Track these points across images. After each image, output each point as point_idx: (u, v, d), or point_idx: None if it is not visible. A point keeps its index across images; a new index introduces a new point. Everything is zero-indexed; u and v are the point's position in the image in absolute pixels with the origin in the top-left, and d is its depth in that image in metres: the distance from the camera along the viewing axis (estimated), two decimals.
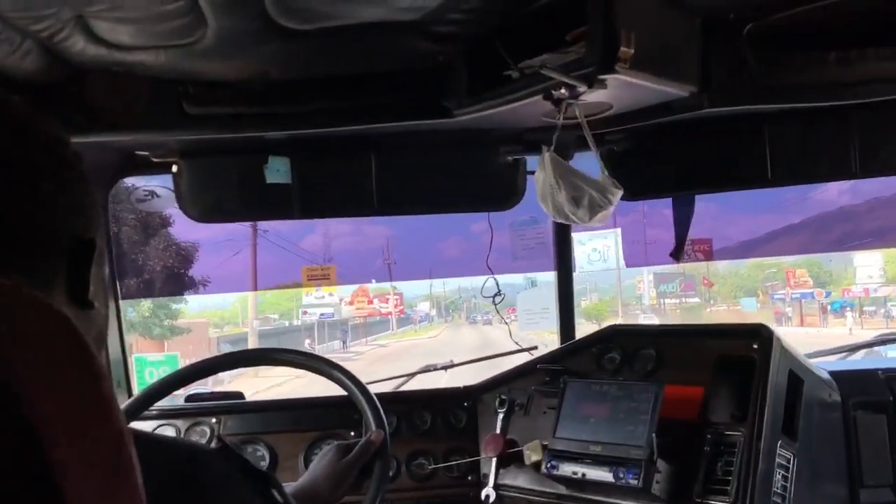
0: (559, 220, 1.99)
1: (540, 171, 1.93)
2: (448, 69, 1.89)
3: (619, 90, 1.78)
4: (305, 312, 29.54)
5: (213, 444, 0.87)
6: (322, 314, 28.84)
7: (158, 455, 0.74)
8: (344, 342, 29.76)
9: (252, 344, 19.91)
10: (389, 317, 35.95)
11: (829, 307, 31.70)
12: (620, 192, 1.95)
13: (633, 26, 1.60)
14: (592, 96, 1.80)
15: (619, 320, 30.28)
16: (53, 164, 0.73)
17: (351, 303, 29.68)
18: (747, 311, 35.95)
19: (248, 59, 1.80)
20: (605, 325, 2.26)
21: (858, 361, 2.38)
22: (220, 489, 0.76)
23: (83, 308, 0.74)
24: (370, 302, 30.62)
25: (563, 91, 1.71)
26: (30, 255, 0.68)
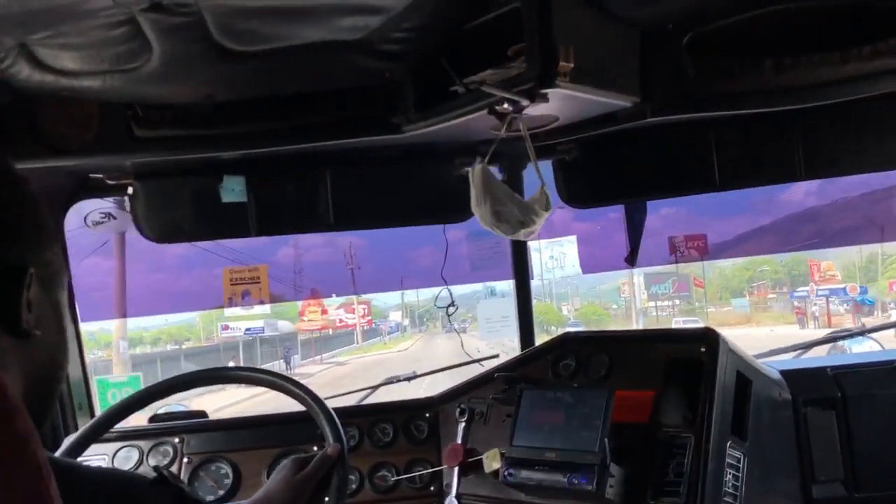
0: (486, 229, 2.02)
1: (471, 181, 1.96)
2: (395, 86, 1.91)
3: (562, 102, 1.81)
4: (227, 328, 24.48)
5: (150, 475, 0.86)
6: (248, 329, 23.81)
7: (91, 487, 0.74)
8: (288, 362, 24.23)
9: (117, 371, 17.86)
10: (354, 329, 30.90)
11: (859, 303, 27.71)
12: (547, 213, 1.99)
13: (571, 40, 1.64)
14: (537, 109, 1.83)
15: (639, 326, 28.54)
16: None
17: (301, 314, 25.27)
18: (741, 312, 35.04)
19: (195, 81, 1.81)
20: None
21: (809, 360, 2.43)
22: None
23: (17, 336, 0.74)
24: (324, 312, 26.29)
25: (506, 106, 1.74)
26: None
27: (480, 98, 1.75)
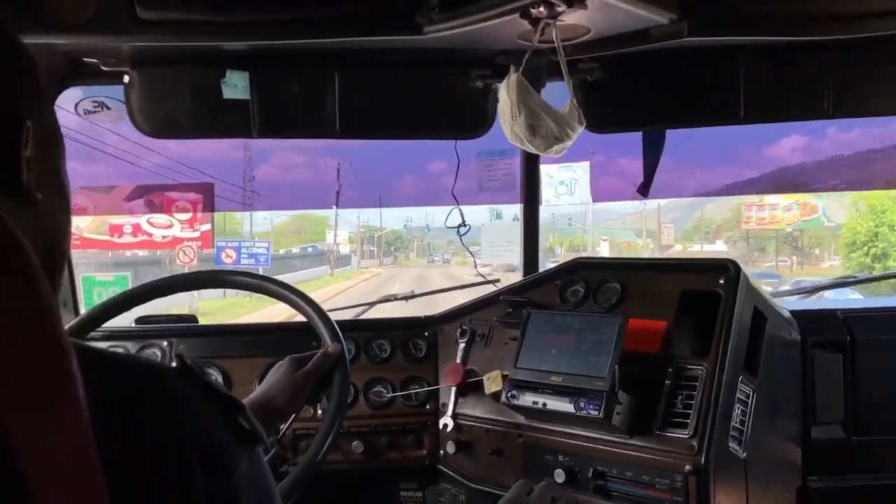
0: (515, 144, 1.92)
1: (503, 92, 1.86)
2: None
3: (597, 12, 1.71)
4: None
5: (172, 363, 0.78)
6: None
7: (112, 372, 0.67)
8: None
9: None
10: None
11: None
12: (581, 127, 1.90)
13: None
14: (570, 18, 1.73)
15: None
16: None
17: None
18: None
19: None
20: None
21: (818, 301, 2.39)
22: (181, 411, 0.68)
23: (18, 196, 0.66)
24: None
25: (541, 9, 1.63)
26: None
27: None
